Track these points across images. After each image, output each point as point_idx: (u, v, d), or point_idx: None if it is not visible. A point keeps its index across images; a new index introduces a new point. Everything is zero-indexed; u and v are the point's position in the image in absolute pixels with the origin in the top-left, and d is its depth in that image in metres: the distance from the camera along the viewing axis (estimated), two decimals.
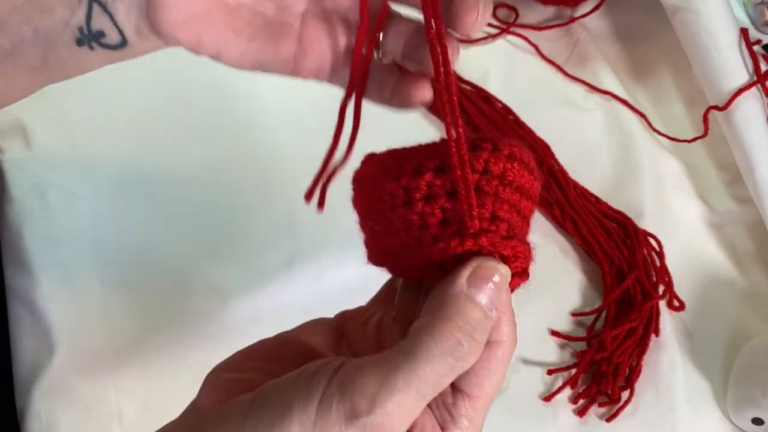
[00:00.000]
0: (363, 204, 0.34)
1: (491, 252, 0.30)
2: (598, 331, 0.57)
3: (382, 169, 0.32)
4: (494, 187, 0.30)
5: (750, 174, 0.62)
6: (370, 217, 0.33)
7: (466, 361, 0.29)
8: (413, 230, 0.31)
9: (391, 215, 0.31)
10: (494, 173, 0.30)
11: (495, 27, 0.72)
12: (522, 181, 0.31)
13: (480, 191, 0.30)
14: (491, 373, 0.31)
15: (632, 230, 0.61)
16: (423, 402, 0.28)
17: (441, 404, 0.31)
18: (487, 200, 0.30)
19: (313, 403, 0.28)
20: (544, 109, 0.68)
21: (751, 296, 0.61)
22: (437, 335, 0.28)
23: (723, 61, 0.64)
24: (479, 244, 0.30)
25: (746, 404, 0.54)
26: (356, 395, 0.27)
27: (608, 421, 0.54)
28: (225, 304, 0.54)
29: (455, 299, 0.29)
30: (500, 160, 0.31)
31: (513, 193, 0.31)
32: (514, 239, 0.30)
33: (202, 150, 0.60)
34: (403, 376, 0.28)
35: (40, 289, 0.53)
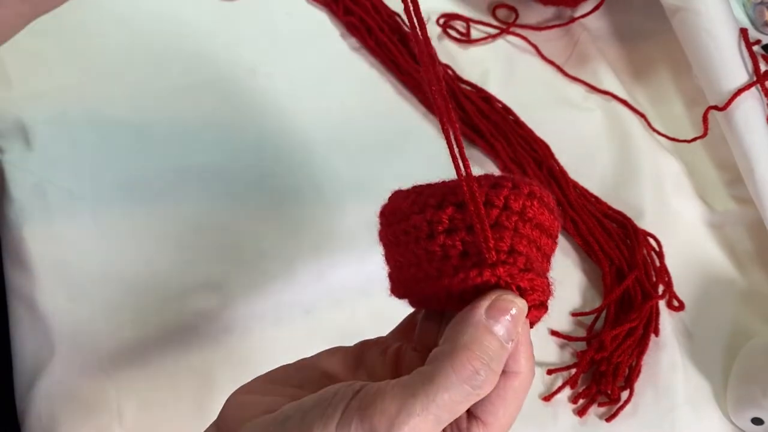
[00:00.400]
0: (388, 236, 0.35)
1: (509, 284, 0.31)
2: (598, 331, 0.57)
3: (408, 203, 0.34)
4: (513, 222, 0.32)
5: (750, 174, 0.62)
6: (395, 249, 0.35)
7: (482, 389, 0.30)
8: (435, 261, 0.32)
9: (415, 247, 0.33)
10: (514, 209, 0.32)
11: (495, 27, 0.72)
12: (542, 219, 0.33)
13: (500, 226, 0.32)
14: (507, 403, 0.32)
15: (632, 230, 0.61)
16: (439, 427, 0.29)
17: (456, 429, 0.32)
18: (506, 234, 0.32)
19: (332, 423, 0.29)
20: (544, 109, 0.68)
21: (751, 296, 0.61)
22: (456, 362, 0.29)
23: (723, 62, 0.64)
24: (497, 275, 0.31)
25: (746, 404, 0.54)
26: (375, 417, 0.28)
27: (608, 421, 0.54)
28: (225, 304, 0.54)
29: (474, 329, 0.30)
30: (520, 198, 0.33)
31: (533, 229, 0.33)
32: (531, 272, 0.32)
33: (203, 151, 0.61)
34: (421, 401, 0.29)
35: (40, 289, 0.53)
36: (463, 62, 0.69)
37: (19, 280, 0.53)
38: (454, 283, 0.32)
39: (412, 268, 0.34)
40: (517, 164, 0.63)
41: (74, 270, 0.54)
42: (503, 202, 0.33)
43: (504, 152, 0.63)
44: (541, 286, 0.32)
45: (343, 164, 0.61)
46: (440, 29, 0.72)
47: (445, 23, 0.72)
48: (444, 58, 0.69)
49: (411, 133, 0.65)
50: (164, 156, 0.60)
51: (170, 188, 0.58)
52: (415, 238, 0.33)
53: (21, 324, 0.52)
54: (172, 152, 0.60)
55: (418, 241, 0.33)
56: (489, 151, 0.63)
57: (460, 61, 0.70)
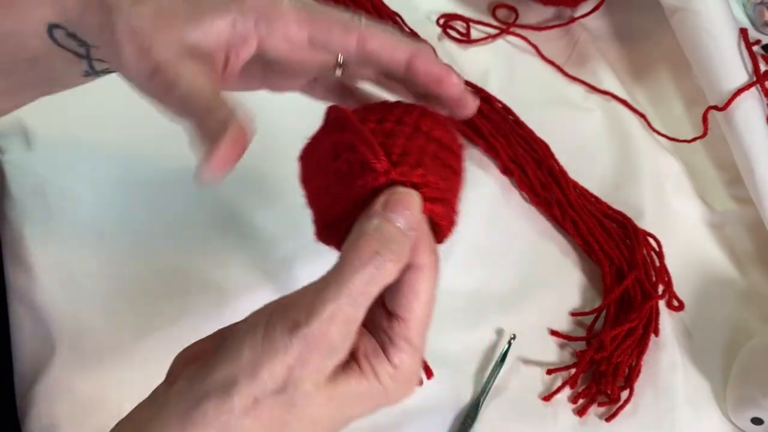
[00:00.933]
0: (306, 174, 0.41)
1: (403, 182, 0.35)
2: (598, 331, 0.57)
3: (317, 137, 0.40)
4: (406, 132, 0.37)
5: (749, 174, 0.62)
6: (312, 184, 0.40)
7: (385, 268, 0.33)
8: (343, 178, 0.37)
9: (326, 173, 0.38)
10: (407, 123, 0.37)
11: (495, 27, 0.73)
12: (437, 134, 0.38)
13: (393, 135, 0.37)
14: (418, 296, 0.35)
15: (632, 230, 0.61)
16: (354, 311, 0.33)
17: (379, 329, 0.35)
18: (398, 141, 0.36)
19: (260, 326, 0.33)
20: (543, 109, 0.68)
21: (750, 296, 0.61)
22: (357, 248, 0.33)
23: (722, 62, 0.64)
24: (390, 177, 0.35)
25: (746, 404, 0.54)
26: (296, 309, 0.32)
27: (608, 421, 0.54)
28: (226, 304, 0.54)
29: (371, 219, 0.34)
30: (413, 113, 0.38)
31: (428, 141, 0.37)
32: (421, 167, 0.36)
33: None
34: (333, 288, 0.32)
35: (40, 288, 0.53)
36: (463, 62, 0.69)
37: (20, 280, 0.53)
38: (357, 192, 0.36)
39: (328, 195, 0.38)
40: (518, 164, 0.63)
41: (74, 270, 0.54)
42: (397, 117, 0.38)
43: (504, 152, 0.63)
44: (434, 182, 0.36)
45: None
46: (440, 29, 0.72)
47: (445, 23, 0.72)
48: (444, 58, 0.69)
49: None
50: (165, 156, 0.60)
51: (171, 188, 0.58)
52: (326, 164, 0.38)
53: (21, 324, 0.52)
54: (172, 152, 0.60)
55: (328, 166, 0.37)
56: (489, 150, 0.64)
57: (460, 61, 0.70)
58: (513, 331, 0.55)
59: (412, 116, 0.38)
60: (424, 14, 0.72)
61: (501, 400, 0.54)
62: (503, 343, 0.56)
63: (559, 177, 0.63)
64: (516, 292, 0.59)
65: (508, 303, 0.58)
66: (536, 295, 0.59)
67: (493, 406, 0.53)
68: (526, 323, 0.57)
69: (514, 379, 0.55)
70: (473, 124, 0.64)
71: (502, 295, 0.59)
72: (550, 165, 0.64)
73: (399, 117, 0.38)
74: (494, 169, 0.64)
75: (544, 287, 0.59)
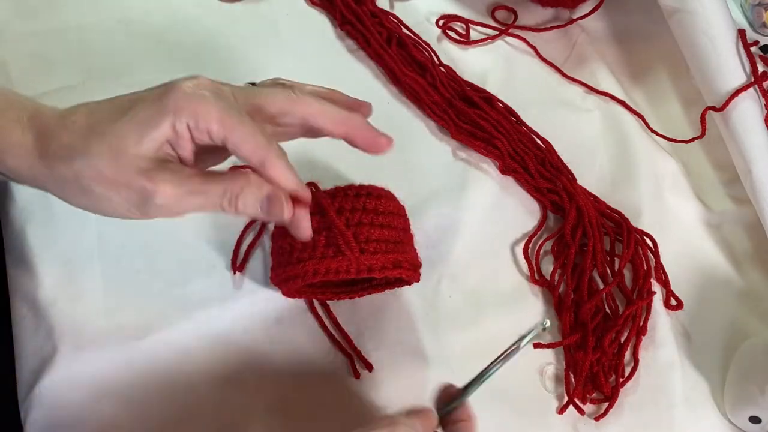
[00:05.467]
0: (277, 247, 0.52)
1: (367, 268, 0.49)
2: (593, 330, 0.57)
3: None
4: (370, 219, 0.49)
5: (747, 174, 0.62)
6: (279, 252, 0.51)
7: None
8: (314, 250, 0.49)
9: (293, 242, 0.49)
10: (369, 209, 0.49)
11: (494, 29, 0.73)
12: (390, 207, 0.51)
13: (360, 224, 0.49)
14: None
15: (626, 230, 0.61)
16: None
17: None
18: (363, 230, 0.49)
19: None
20: (542, 110, 0.68)
21: (748, 296, 0.61)
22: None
23: (720, 63, 0.64)
24: (359, 265, 0.49)
25: (744, 403, 0.54)
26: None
27: (605, 420, 0.54)
28: (226, 304, 0.54)
29: None
30: (371, 200, 0.50)
31: (386, 217, 0.50)
32: (379, 254, 0.49)
33: None
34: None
35: (42, 288, 0.53)
36: (462, 63, 0.70)
37: (22, 280, 0.54)
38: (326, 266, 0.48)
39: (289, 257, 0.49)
40: (520, 158, 0.64)
41: (76, 269, 0.54)
42: (361, 204, 0.49)
43: (505, 150, 0.63)
44: (397, 259, 0.50)
45: (341, 164, 0.61)
46: (440, 30, 0.72)
47: (444, 24, 0.72)
48: (444, 59, 0.69)
49: (408, 134, 0.65)
50: None
51: None
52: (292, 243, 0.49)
53: (23, 323, 0.52)
54: None
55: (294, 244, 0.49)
56: (489, 151, 0.64)
57: (459, 62, 0.70)
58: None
59: (371, 202, 0.49)
60: (423, 16, 0.73)
61: (499, 400, 0.54)
62: (503, 343, 0.56)
63: (562, 170, 0.64)
64: (516, 292, 0.59)
65: (508, 303, 0.58)
66: (537, 295, 0.59)
67: (491, 405, 0.54)
68: (526, 323, 0.58)
69: (512, 378, 0.55)
70: (474, 121, 0.65)
71: (502, 295, 0.59)
72: (553, 161, 0.64)
73: (363, 205, 0.49)
74: (494, 170, 0.64)
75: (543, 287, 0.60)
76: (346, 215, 0.48)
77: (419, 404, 0.46)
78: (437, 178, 0.63)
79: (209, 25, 0.69)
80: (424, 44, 0.70)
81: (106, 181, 0.40)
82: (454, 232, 0.60)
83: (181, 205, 0.41)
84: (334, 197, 0.49)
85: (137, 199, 0.40)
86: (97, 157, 0.39)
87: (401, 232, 0.51)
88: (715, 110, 0.64)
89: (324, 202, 0.48)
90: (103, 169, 0.39)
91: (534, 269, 0.60)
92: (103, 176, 0.40)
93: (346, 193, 0.49)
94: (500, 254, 0.61)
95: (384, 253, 0.48)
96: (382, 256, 0.48)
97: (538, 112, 0.67)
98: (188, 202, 0.41)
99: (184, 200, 0.40)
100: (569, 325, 0.57)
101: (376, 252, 0.48)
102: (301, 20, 0.71)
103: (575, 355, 0.56)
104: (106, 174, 0.40)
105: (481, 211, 0.62)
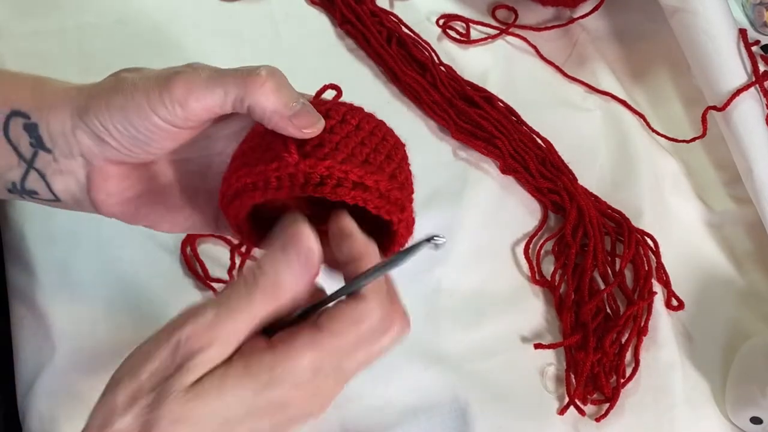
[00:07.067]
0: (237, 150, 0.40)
1: (311, 174, 0.36)
2: (594, 330, 0.57)
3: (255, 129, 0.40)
4: (347, 130, 0.38)
5: (748, 174, 0.62)
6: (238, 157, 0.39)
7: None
8: (263, 152, 0.38)
9: (251, 147, 0.39)
10: (335, 118, 0.38)
11: (494, 28, 0.73)
12: (378, 131, 0.40)
13: (332, 132, 0.38)
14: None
15: (627, 230, 0.61)
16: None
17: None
18: (333, 138, 0.37)
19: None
20: (543, 110, 0.68)
21: (749, 296, 0.61)
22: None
23: (721, 62, 0.64)
24: (299, 168, 0.36)
25: (745, 403, 0.54)
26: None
27: (606, 421, 0.54)
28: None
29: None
30: (340, 111, 0.39)
31: (368, 138, 0.39)
32: (329, 160, 0.36)
33: None
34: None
35: (41, 288, 0.53)
36: (462, 63, 0.70)
37: (21, 280, 0.54)
38: (270, 174, 0.36)
39: (244, 160, 0.38)
40: (521, 158, 0.63)
41: (75, 270, 0.54)
42: (341, 116, 0.38)
43: (506, 149, 0.63)
44: (352, 171, 0.37)
45: None
46: (440, 30, 0.72)
47: (444, 24, 0.72)
48: (444, 58, 0.69)
49: (408, 134, 0.65)
50: None
51: None
52: (254, 143, 0.39)
53: (22, 323, 0.52)
54: None
55: (254, 143, 0.39)
56: (489, 151, 0.64)
57: (459, 61, 0.70)
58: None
59: (339, 111, 0.39)
60: (424, 15, 0.73)
61: (499, 400, 0.54)
62: (503, 343, 0.56)
63: (563, 169, 0.64)
64: (517, 292, 0.59)
65: (508, 303, 0.58)
66: (537, 295, 0.59)
67: (491, 405, 0.53)
68: (526, 323, 0.58)
69: (512, 378, 0.55)
70: (475, 121, 0.65)
71: (502, 295, 0.59)
72: (553, 161, 0.64)
73: (326, 113, 0.38)
74: (495, 169, 0.64)
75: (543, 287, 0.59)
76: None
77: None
78: (437, 178, 0.63)
79: (209, 25, 0.69)
80: (424, 43, 0.70)
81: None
82: (454, 232, 0.60)
83: (198, 99, 0.37)
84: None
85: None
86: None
87: (384, 158, 0.39)
88: (716, 110, 0.64)
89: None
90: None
91: (535, 269, 0.60)
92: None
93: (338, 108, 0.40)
94: (501, 254, 0.61)
95: (340, 163, 0.36)
96: (335, 165, 0.36)
97: (538, 111, 0.67)
98: (206, 96, 0.37)
99: (201, 93, 0.37)
100: (570, 326, 0.57)
101: (325, 158, 0.36)
102: (301, 20, 0.71)
103: (576, 355, 0.56)
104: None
105: (482, 211, 0.62)
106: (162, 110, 0.37)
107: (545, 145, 0.65)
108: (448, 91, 0.66)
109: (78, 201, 0.41)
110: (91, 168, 0.40)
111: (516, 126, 0.66)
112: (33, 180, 0.40)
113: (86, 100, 0.38)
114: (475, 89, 0.67)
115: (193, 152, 0.43)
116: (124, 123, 0.38)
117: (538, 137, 0.66)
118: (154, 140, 0.39)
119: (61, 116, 0.39)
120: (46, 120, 0.39)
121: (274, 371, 0.33)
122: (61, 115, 0.39)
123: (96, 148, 0.39)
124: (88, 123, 0.38)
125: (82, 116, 0.38)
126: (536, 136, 0.66)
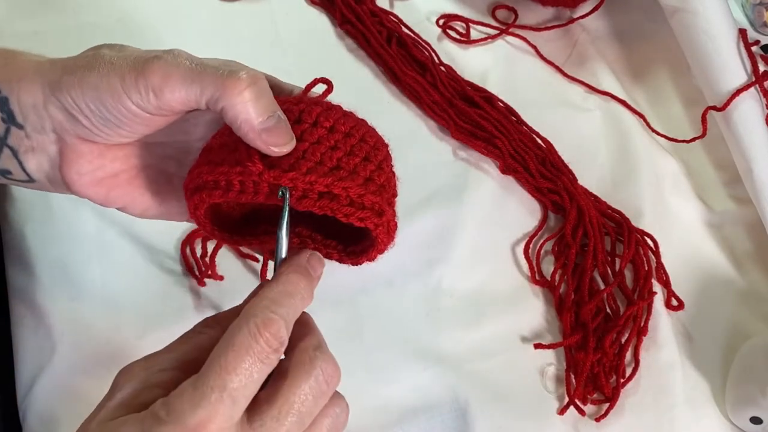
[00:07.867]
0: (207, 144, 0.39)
1: (276, 185, 0.36)
2: (594, 330, 0.57)
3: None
4: (319, 135, 0.37)
5: (748, 174, 0.62)
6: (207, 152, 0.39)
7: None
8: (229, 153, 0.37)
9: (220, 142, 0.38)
10: (307, 122, 0.37)
11: (494, 28, 0.73)
12: (342, 128, 0.38)
13: (301, 140, 0.37)
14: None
15: (627, 230, 0.61)
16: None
17: None
18: (301, 146, 0.36)
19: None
20: (543, 110, 0.68)
21: (749, 296, 0.61)
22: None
23: (721, 62, 0.64)
24: (264, 179, 0.36)
25: (745, 403, 0.54)
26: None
27: (606, 421, 0.54)
28: (226, 305, 0.54)
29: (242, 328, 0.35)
30: (313, 113, 0.37)
31: (329, 135, 0.37)
32: (294, 171, 0.36)
33: None
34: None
35: (41, 288, 0.53)
36: (462, 63, 0.70)
37: (21, 280, 0.54)
38: (236, 178, 0.36)
39: (212, 155, 0.38)
40: (521, 158, 0.63)
41: (75, 269, 0.54)
42: (296, 116, 0.37)
43: (506, 149, 0.63)
44: (319, 180, 0.36)
45: None
46: (440, 30, 0.72)
47: (444, 24, 0.72)
48: (444, 58, 0.69)
49: (408, 134, 0.65)
50: None
51: None
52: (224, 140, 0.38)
53: (22, 323, 0.52)
54: None
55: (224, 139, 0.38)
56: (489, 151, 0.64)
57: (459, 61, 0.70)
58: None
59: (312, 113, 0.38)
60: (424, 15, 0.73)
61: (499, 400, 0.54)
62: (503, 343, 0.56)
63: (563, 169, 0.64)
64: (517, 292, 0.59)
65: (508, 303, 0.58)
66: (537, 295, 0.59)
67: (491, 405, 0.54)
68: (526, 323, 0.58)
69: (512, 378, 0.55)
70: (475, 121, 0.65)
71: (502, 295, 0.59)
72: (553, 161, 0.64)
73: (299, 115, 0.38)
74: (495, 169, 0.64)
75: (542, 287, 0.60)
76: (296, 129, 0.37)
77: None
78: (437, 177, 0.63)
79: (209, 25, 0.69)
80: (424, 43, 0.70)
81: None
82: (454, 232, 0.60)
83: (173, 92, 0.37)
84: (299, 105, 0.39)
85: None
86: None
87: (361, 161, 0.38)
88: (716, 110, 0.64)
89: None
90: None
91: (534, 269, 0.60)
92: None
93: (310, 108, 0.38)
94: (501, 254, 0.61)
95: (305, 174, 0.35)
96: (299, 177, 0.35)
97: (538, 111, 0.67)
98: (181, 90, 0.37)
99: (177, 86, 0.37)
100: (570, 326, 0.57)
101: (290, 169, 0.35)
102: (301, 19, 0.71)
103: (576, 355, 0.56)
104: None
105: (482, 211, 0.62)
106: (135, 95, 0.37)
107: (545, 145, 0.65)
108: (448, 91, 0.66)
109: (51, 180, 0.40)
110: (63, 144, 0.39)
111: (516, 126, 0.66)
112: (6, 158, 0.40)
113: (60, 75, 0.38)
114: (475, 89, 0.67)
115: (170, 136, 0.42)
116: (96, 103, 0.37)
117: (538, 137, 0.66)
118: (125, 123, 0.38)
119: (32, 89, 0.38)
120: (17, 93, 0.38)
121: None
122: (32, 88, 0.38)
123: (68, 123, 0.38)
124: (60, 98, 0.38)
125: (54, 91, 0.38)
126: (536, 136, 0.66)
